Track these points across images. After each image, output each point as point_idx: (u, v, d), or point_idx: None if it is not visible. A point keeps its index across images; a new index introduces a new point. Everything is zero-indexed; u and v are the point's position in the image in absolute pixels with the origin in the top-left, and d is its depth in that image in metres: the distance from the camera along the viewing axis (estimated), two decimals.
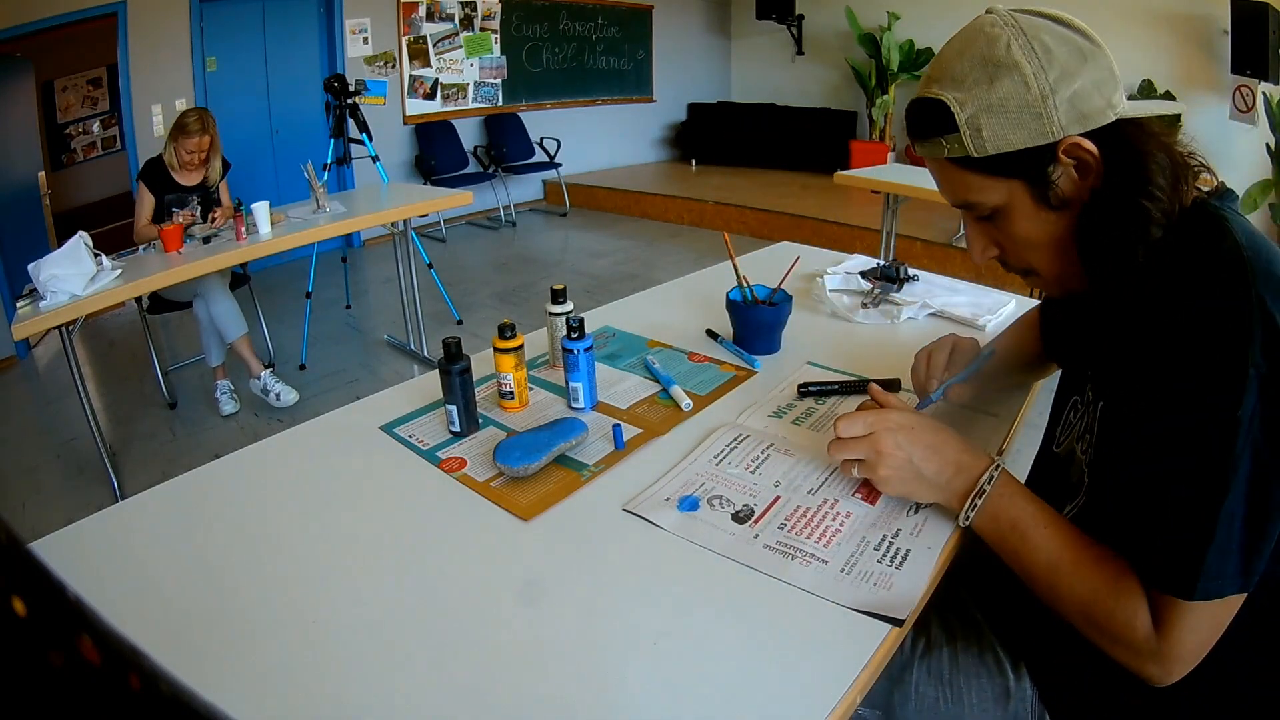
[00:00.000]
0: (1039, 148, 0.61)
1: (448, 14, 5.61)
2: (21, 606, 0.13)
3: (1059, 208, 0.64)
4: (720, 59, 7.88)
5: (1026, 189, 0.64)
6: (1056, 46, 0.61)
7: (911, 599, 0.63)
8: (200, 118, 2.72)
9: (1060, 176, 0.62)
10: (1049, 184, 0.63)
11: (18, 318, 2.06)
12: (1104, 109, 0.61)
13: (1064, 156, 0.62)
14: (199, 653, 0.59)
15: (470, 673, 0.57)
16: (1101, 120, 0.61)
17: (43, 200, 4.19)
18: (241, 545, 0.73)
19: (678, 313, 1.31)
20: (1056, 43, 0.61)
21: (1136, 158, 0.61)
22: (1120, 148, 0.61)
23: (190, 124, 2.69)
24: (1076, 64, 0.60)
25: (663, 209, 5.90)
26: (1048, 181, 0.63)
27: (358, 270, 4.72)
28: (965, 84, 0.62)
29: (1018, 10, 0.64)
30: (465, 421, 0.91)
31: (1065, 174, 0.63)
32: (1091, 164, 0.61)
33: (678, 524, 0.72)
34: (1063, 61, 0.60)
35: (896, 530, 0.71)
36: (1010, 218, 0.66)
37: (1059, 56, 0.60)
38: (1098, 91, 0.61)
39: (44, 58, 4.06)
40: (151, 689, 0.14)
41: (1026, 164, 0.62)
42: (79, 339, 3.77)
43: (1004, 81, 0.61)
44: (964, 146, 0.63)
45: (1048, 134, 0.61)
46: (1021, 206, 0.65)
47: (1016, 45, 0.61)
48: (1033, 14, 0.63)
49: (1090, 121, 0.61)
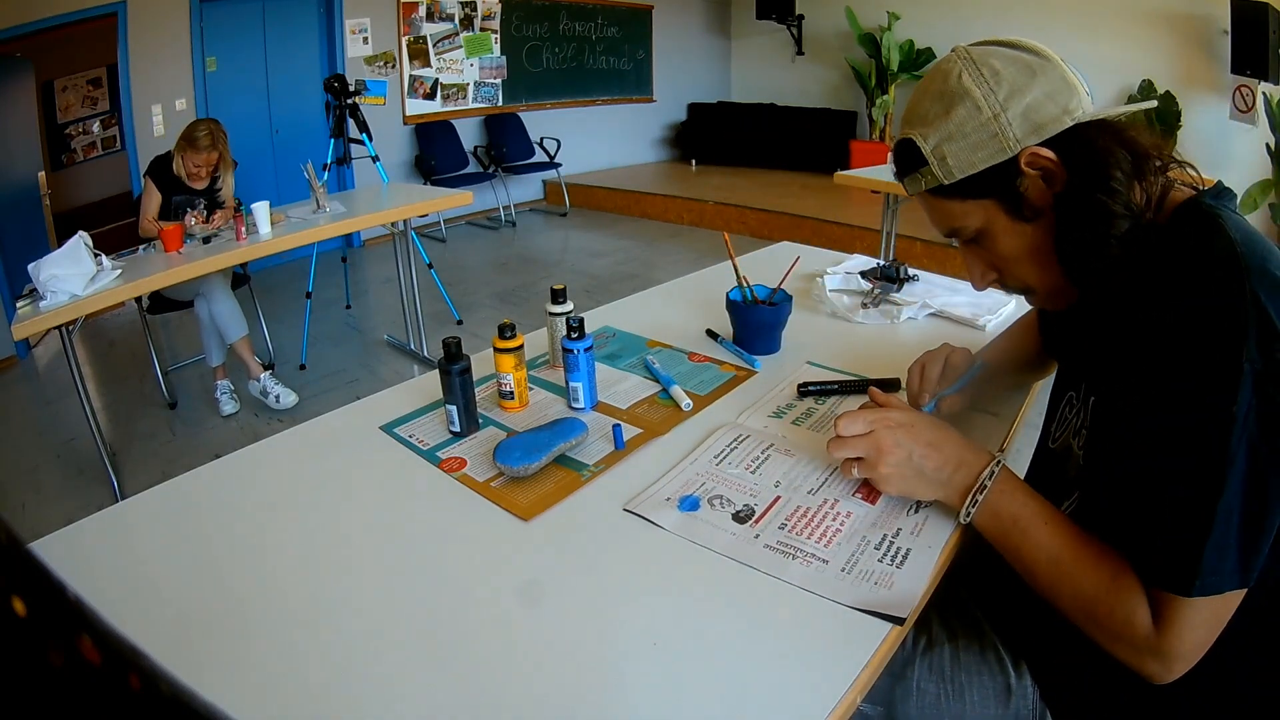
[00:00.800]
0: (1002, 164, 0.65)
1: (448, 14, 5.61)
2: (21, 606, 0.13)
3: (1034, 218, 0.67)
4: (720, 59, 7.88)
5: (1000, 206, 0.67)
6: (1004, 67, 0.64)
7: (912, 598, 0.63)
8: (211, 132, 2.68)
9: (1028, 188, 0.65)
10: (1019, 197, 0.66)
11: (18, 318, 2.06)
12: (1059, 116, 0.63)
13: (1027, 168, 0.64)
14: (199, 653, 0.59)
15: (470, 672, 0.57)
16: (1058, 127, 0.63)
17: (43, 200, 4.19)
18: (241, 545, 0.73)
19: (678, 313, 1.31)
20: (1004, 64, 0.64)
21: (1093, 155, 0.63)
22: (1076, 149, 0.63)
23: (200, 138, 2.65)
24: (1025, 79, 0.64)
25: (663, 209, 5.90)
26: (1018, 194, 0.66)
27: (358, 270, 4.72)
28: (928, 119, 0.67)
29: (975, 44, 0.68)
30: (465, 421, 0.91)
31: (1032, 184, 0.65)
32: (1054, 170, 0.64)
33: (678, 524, 0.72)
34: (1010, 80, 0.64)
35: (897, 530, 0.71)
36: (993, 236, 0.69)
37: (1006, 76, 0.64)
38: (1051, 101, 0.63)
39: (44, 58, 4.06)
40: (151, 689, 0.14)
41: (994, 182, 0.66)
42: (79, 339, 3.77)
43: (958, 109, 0.65)
44: (935, 176, 0.68)
45: (1006, 149, 0.64)
46: (999, 223, 0.68)
47: (966, 74, 0.65)
48: (987, 44, 0.67)
49: (1046, 130, 0.63)
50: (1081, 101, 0.64)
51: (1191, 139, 4.58)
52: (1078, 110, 0.64)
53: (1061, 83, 0.64)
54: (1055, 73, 0.64)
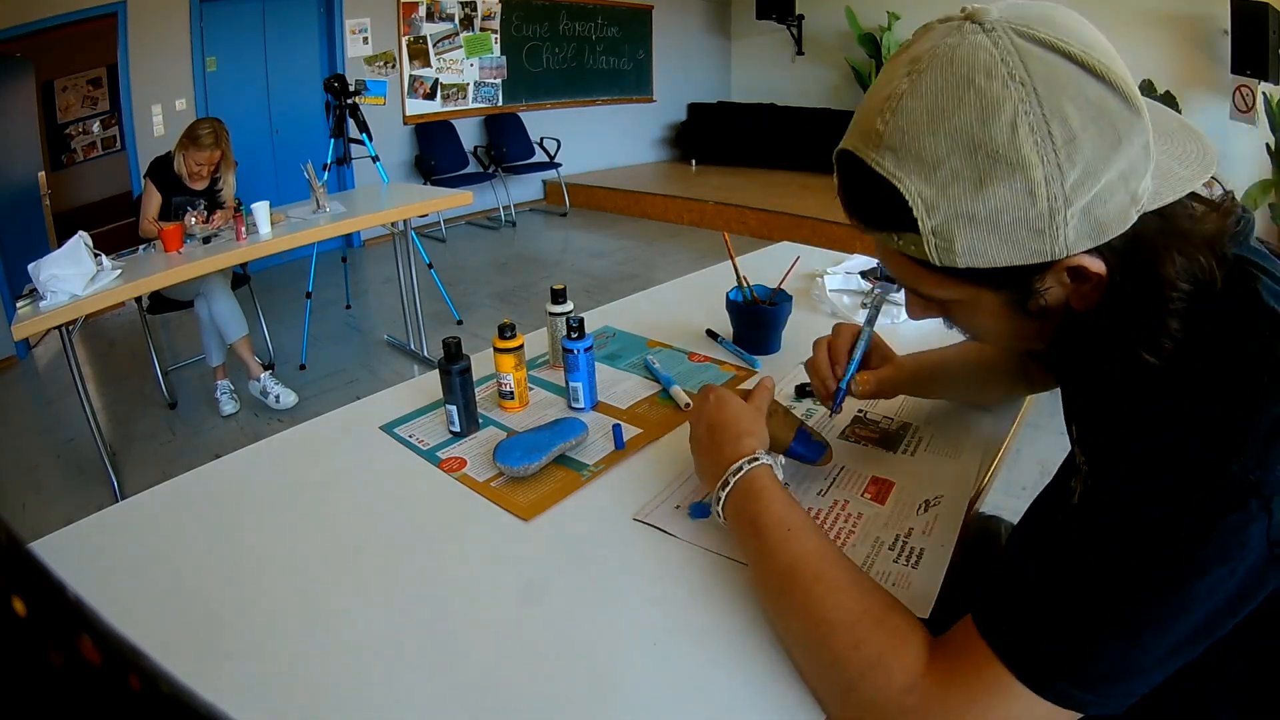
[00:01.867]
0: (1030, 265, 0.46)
1: (448, 14, 5.61)
2: (21, 606, 0.13)
3: (1039, 318, 0.50)
4: (720, 59, 7.88)
5: (1001, 298, 0.50)
6: (1084, 127, 0.42)
7: (929, 597, 0.62)
8: (214, 130, 2.69)
9: (1049, 290, 0.48)
10: (1030, 295, 0.48)
11: (18, 318, 2.06)
12: (1126, 209, 0.44)
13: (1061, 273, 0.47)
14: (199, 652, 0.59)
15: (470, 672, 0.57)
16: (1120, 228, 0.45)
17: (43, 200, 4.19)
18: (241, 545, 0.73)
19: (678, 313, 1.31)
20: (1085, 119, 0.42)
21: (1150, 268, 0.45)
22: (1132, 257, 0.46)
23: (203, 136, 2.65)
24: (1106, 154, 0.42)
25: (663, 209, 5.90)
26: (1030, 294, 0.48)
27: (358, 270, 4.72)
28: (938, 175, 0.44)
29: (1028, 35, 0.42)
30: (465, 421, 0.91)
31: (1056, 285, 0.48)
32: (1092, 279, 0.47)
33: (691, 532, 0.72)
34: (1089, 155, 0.42)
35: (909, 529, 0.71)
36: (970, 315, 0.54)
37: (1085, 146, 0.42)
38: (1124, 186, 0.43)
39: (44, 58, 4.06)
40: (151, 689, 0.14)
41: (1007, 278, 0.48)
42: (79, 339, 3.77)
43: (998, 187, 0.43)
44: (923, 252, 0.47)
45: (1046, 254, 0.45)
46: (988, 309, 0.51)
47: (1025, 125, 0.42)
48: (1052, 48, 0.42)
49: (1106, 232, 0.44)
50: (1150, 175, 0.45)
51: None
52: (1145, 193, 0.45)
53: (1142, 154, 0.44)
54: (1141, 137, 0.43)
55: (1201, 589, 0.41)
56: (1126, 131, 0.43)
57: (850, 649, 0.49)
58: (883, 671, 0.48)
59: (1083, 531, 0.46)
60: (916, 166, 0.45)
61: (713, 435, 0.69)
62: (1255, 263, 0.48)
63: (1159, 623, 0.42)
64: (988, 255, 0.46)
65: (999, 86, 0.42)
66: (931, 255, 0.47)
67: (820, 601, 0.53)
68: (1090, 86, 0.42)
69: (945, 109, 0.43)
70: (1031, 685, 0.43)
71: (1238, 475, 0.40)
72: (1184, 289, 0.45)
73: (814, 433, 0.78)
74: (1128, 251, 0.46)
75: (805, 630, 0.53)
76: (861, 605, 0.51)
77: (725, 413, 0.70)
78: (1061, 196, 0.43)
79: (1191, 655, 0.43)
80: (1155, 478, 0.43)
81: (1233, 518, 0.40)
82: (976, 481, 0.79)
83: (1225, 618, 0.43)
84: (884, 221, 0.48)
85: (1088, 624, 0.43)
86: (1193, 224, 0.47)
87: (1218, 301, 0.46)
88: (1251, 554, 0.41)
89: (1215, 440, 0.42)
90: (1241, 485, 0.40)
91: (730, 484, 0.64)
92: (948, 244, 0.46)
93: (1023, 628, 0.45)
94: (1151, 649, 0.42)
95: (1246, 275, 0.46)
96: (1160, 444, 0.44)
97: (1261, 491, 0.40)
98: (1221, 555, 0.41)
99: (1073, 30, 0.43)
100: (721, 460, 0.66)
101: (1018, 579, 0.48)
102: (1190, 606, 0.42)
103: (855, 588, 0.53)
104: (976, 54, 0.43)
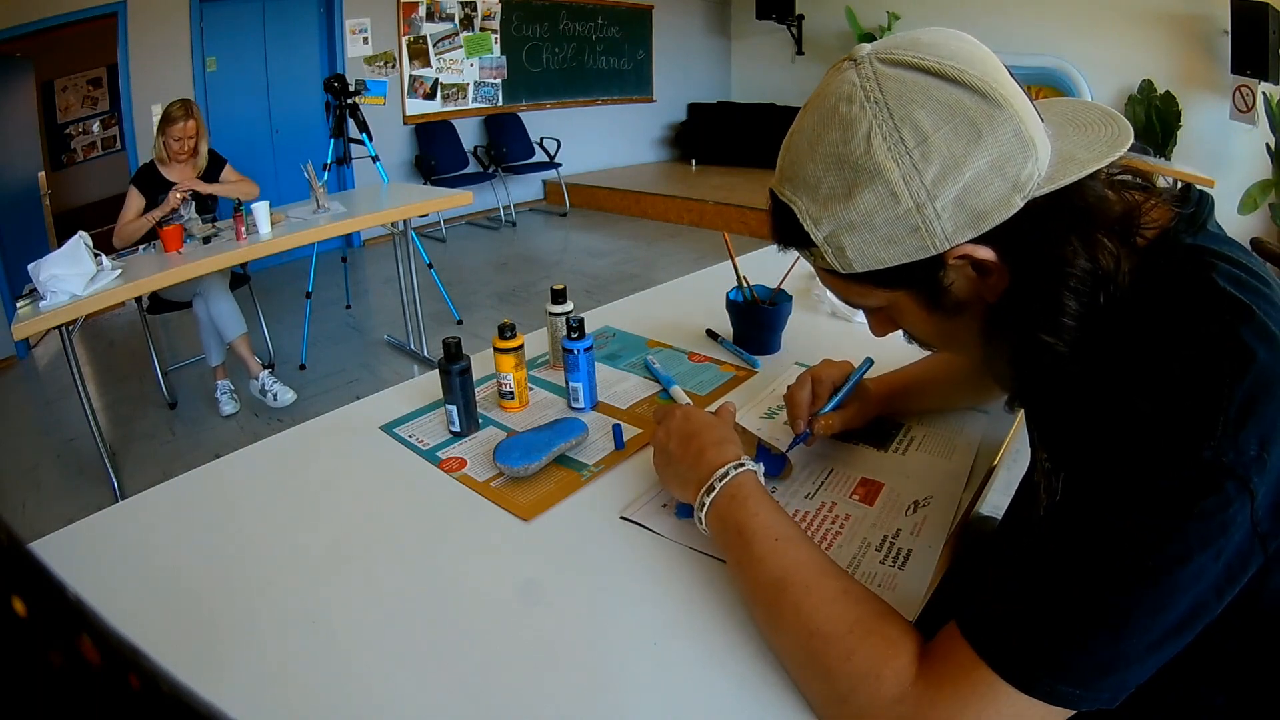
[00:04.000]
0: (921, 260, 0.50)
1: (448, 14, 5.61)
2: (21, 606, 0.13)
3: (959, 312, 0.53)
4: (720, 59, 7.89)
5: (915, 297, 0.53)
6: (936, 129, 0.46)
7: (916, 599, 0.63)
8: (184, 104, 2.75)
9: (954, 282, 0.51)
10: (941, 290, 0.52)
11: (18, 318, 2.06)
12: (1007, 196, 0.47)
13: (955, 262, 0.50)
14: (199, 653, 0.59)
15: (470, 672, 0.57)
16: (1003, 215, 0.47)
17: (43, 200, 4.20)
18: (241, 545, 0.73)
19: (678, 313, 1.31)
20: (936, 122, 0.46)
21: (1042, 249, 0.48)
22: (1024, 243, 0.48)
23: (174, 111, 2.71)
24: (965, 148, 0.46)
25: (663, 209, 5.90)
26: (939, 288, 0.52)
27: (358, 270, 4.72)
28: (819, 193, 0.50)
29: (888, 60, 0.48)
30: (465, 421, 0.91)
31: (960, 278, 0.51)
32: (993, 269, 0.50)
33: (676, 530, 0.72)
34: (944, 152, 0.46)
35: (896, 530, 0.71)
36: (902, 318, 0.57)
37: (938, 145, 0.46)
38: (998, 175, 0.46)
39: (44, 58, 4.06)
40: (151, 689, 0.14)
41: (908, 276, 0.51)
42: (79, 339, 3.77)
43: (864, 194, 0.48)
44: (826, 261, 0.53)
45: (928, 247, 0.49)
46: (912, 310, 0.55)
47: (879, 136, 0.46)
48: (908, 66, 0.47)
49: (987, 220, 0.47)
50: (1038, 161, 0.47)
51: (1191, 139, 4.58)
52: (1031, 179, 0.47)
53: (1014, 141, 0.46)
54: (1008, 127, 0.46)
55: (1185, 576, 0.41)
56: (987, 124, 0.46)
57: (841, 660, 0.49)
58: (874, 682, 0.47)
59: (1059, 528, 0.46)
60: (804, 189, 0.52)
61: (687, 445, 0.69)
62: (1214, 250, 0.48)
63: (1142, 613, 0.42)
64: (878, 256, 0.51)
65: (856, 109, 0.48)
66: (832, 263, 0.53)
67: (811, 614, 0.52)
68: (943, 91, 0.46)
69: (818, 136, 0.50)
70: (1017, 684, 0.43)
71: (1210, 460, 0.40)
72: (1083, 267, 0.47)
73: (773, 448, 0.79)
74: (1019, 236, 0.48)
75: (796, 643, 0.53)
76: (853, 614, 0.51)
77: (696, 423, 0.70)
78: (924, 192, 0.47)
79: (1182, 642, 0.43)
80: (1127, 470, 0.43)
81: (1208, 503, 0.40)
82: (970, 482, 0.79)
83: (1213, 602, 0.42)
84: (793, 240, 0.55)
85: (1067, 619, 0.43)
86: (1100, 205, 0.48)
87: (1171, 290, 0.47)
88: (1236, 534, 0.41)
89: (1183, 427, 0.42)
90: (1215, 469, 0.40)
91: (716, 489, 0.63)
92: (840, 250, 0.52)
93: (1003, 627, 0.45)
94: (1137, 640, 0.42)
95: (1202, 264, 0.47)
96: (1129, 436, 0.44)
97: (1238, 473, 0.40)
98: (1203, 541, 0.41)
99: (937, 45, 0.48)
100: (702, 466, 0.65)
101: (998, 580, 0.48)
102: (1174, 594, 0.41)
103: (846, 597, 0.52)
104: (842, 86, 0.49)
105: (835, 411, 0.81)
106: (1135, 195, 0.51)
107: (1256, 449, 0.41)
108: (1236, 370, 0.42)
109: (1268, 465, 0.41)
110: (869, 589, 0.54)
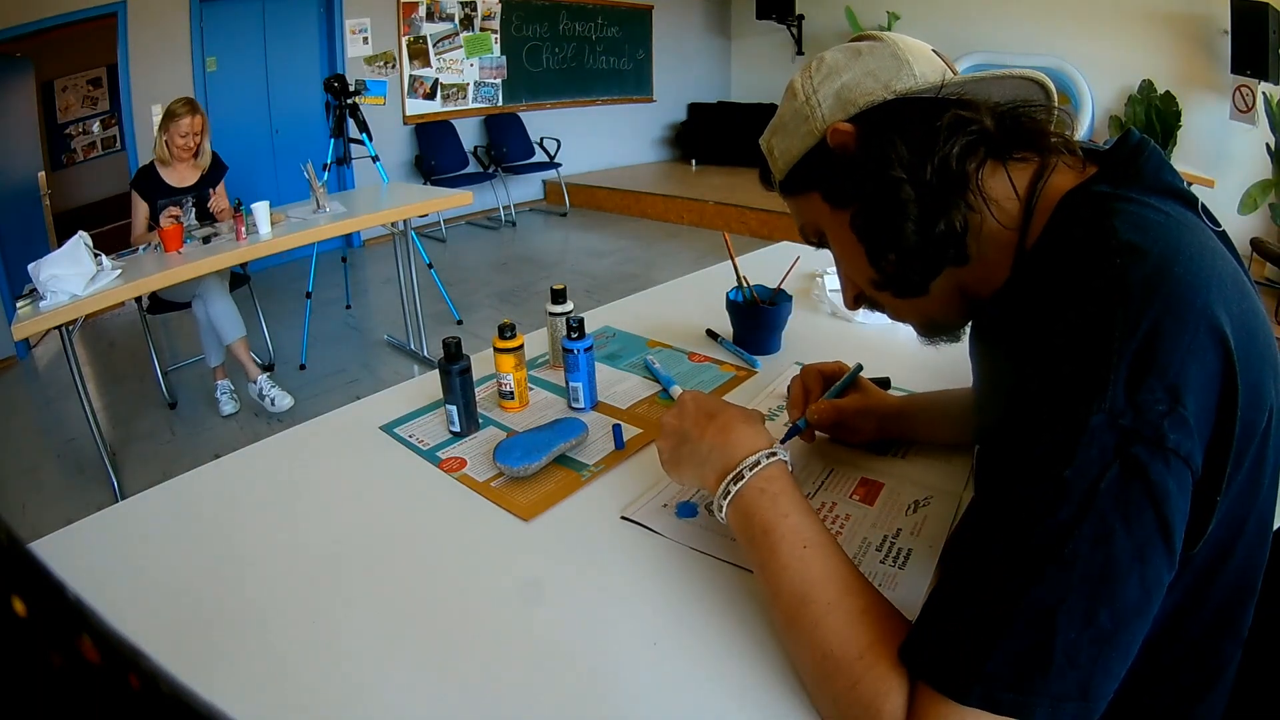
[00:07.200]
0: (815, 150, 0.59)
1: (448, 14, 5.61)
2: (21, 606, 0.13)
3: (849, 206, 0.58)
4: (720, 59, 7.89)
5: (821, 197, 0.60)
6: (832, 55, 0.59)
7: (916, 598, 0.62)
8: (189, 101, 2.75)
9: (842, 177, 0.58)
10: (834, 184, 0.59)
11: (18, 318, 2.06)
12: (876, 91, 0.55)
13: (835, 150, 0.57)
14: (199, 653, 0.59)
15: (470, 672, 0.57)
16: (870, 102, 0.55)
17: (43, 200, 4.19)
18: (241, 545, 0.73)
19: (678, 313, 1.31)
20: (834, 52, 0.59)
21: (885, 130, 0.54)
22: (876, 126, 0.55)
23: (179, 108, 2.71)
24: (846, 61, 0.57)
25: (663, 209, 5.90)
26: (832, 181, 0.59)
27: (358, 270, 4.72)
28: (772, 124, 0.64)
29: None
30: (465, 421, 0.91)
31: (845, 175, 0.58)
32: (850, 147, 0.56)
33: (676, 530, 0.72)
34: (830, 64, 0.58)
35: (897, 530, 0.71)
36: (828, 235, 0.63)
37: (829, 61, 0.58)
38: (871, 78, 0.56)
39: (44, 58, 4.06)
40: (151, 689, 0.14)
41: (813, 171, 0.60)
42: (79, 339, 3.77)
43: (785, 103, 0.62)
44: (772, 178, 0.66)
45: (814, 131, 0.58)
46: (824, 218, 0.61)
47: (800, 70, 0.61)
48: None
49: (853, 106, 0.56)
50: (915, 78, 0.55)
51: (1191, 139, 4.58)
52: (902, 84, 0.55)
53: (890, 59, 0.56)
54: (885, 51, 0.57)
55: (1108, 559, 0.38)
56: (868, 50, 0.58)
57: (847, 689, 0.47)
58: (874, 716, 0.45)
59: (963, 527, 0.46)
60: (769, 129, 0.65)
61: (708, 423, 0.63)
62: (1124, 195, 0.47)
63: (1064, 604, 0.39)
64: (788, 151, 0.61)
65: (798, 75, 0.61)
66: (773, 169, 0.65)
67: (828, 634, 0.50)
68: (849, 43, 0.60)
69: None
70: (953, 695, 0.41)
71: (1102, 426, 0.38)
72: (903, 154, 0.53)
73: None
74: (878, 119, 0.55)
75: (811, 660, 0.51)
76: (868, 638, 0.48)
77: (715, 402, 0.66)
78: (811, 89, 0.58)
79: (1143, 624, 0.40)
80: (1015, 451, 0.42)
81: (1112, 474, 0.38)
82: (970, 482, 0.79)
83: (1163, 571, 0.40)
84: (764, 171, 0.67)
85: (980, 616, 0.41)
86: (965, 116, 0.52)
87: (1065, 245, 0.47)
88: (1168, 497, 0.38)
89: (1070, 395, 0.39)
90: (1116, 435, 0.38)
91: (745, 478, 0.58)
92: (773, 155, 0.64)
93: (929, 639, 0.44)
94: (1062, 632, 0.39)
95: (1103, 210, 0.46)
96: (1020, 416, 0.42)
97: (1145, 434, 0.38)
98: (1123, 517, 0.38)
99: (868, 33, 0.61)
100: (730, 449, 0.61)
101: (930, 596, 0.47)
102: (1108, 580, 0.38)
103: (866, 616, 0.50)
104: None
105: (829, 402, 0.81)
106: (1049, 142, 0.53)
107: (1166, 403, 0.38)
108: (1128, 324, 0.39)
109: (1188, 417, 0.38)
110: (892, 605, 0.51)
